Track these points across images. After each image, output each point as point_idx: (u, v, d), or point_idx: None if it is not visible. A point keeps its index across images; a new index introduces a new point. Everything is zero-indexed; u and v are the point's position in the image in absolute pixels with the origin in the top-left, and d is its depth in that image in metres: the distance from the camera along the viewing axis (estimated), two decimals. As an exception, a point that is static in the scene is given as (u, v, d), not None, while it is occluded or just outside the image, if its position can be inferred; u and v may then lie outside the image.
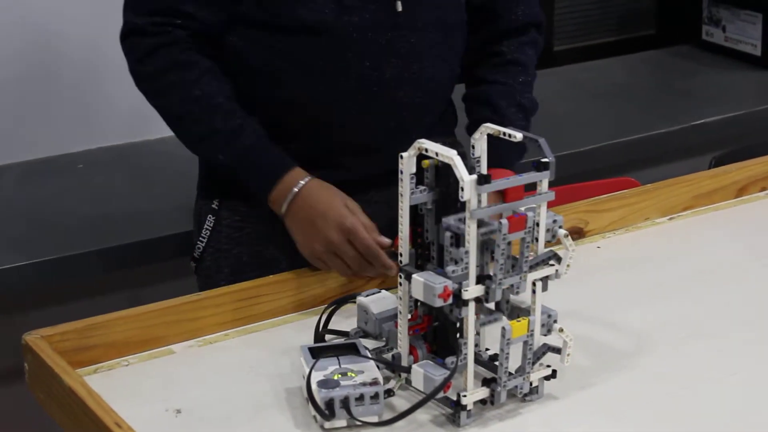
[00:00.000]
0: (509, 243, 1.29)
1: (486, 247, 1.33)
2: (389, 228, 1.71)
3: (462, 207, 1.28)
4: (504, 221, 1.27)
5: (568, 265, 1.34)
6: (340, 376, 1.32)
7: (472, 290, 1.28)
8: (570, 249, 1.33)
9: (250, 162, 1.65)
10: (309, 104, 1.68)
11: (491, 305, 1.36)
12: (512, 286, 1.31)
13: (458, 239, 1.29)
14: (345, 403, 1.29)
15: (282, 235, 1.69)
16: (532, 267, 1.32)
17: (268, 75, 1.68)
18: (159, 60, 1.65)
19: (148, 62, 1.66)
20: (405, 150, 1.32)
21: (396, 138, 1.70)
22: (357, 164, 1.72)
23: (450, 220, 1.29)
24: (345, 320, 1.51)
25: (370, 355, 1.37)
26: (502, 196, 1.31)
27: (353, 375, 1.32)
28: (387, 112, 1.70)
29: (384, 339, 1.41)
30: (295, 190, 1.61)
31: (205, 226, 1.78)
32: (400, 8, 1.66)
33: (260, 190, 1.65)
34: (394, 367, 1.37)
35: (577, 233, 1.83)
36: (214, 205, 1.78)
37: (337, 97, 1.67)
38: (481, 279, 1.29)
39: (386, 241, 1.58)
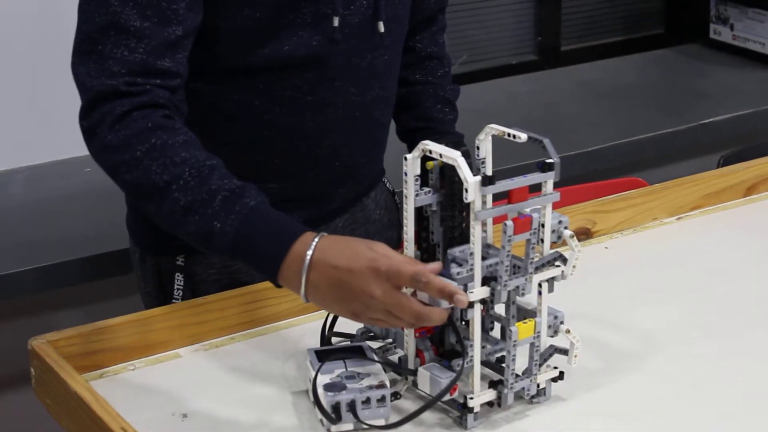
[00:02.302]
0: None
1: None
2: None
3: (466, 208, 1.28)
4: (509, 223, 1.26)
5: (573, 266, 1.33)
6: (346, 379, 1.32)
7: (478, 292, 1.28)
8: (576, 250, 1.33)
9: (255, 225, 1.35)
10: (293, 140, 1.59)
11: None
12: (518, 287, 1.31)
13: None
14: (351, 406, 1.29)
15: (261, 278, 1.63)
16: (538, 268, 1.31)
17: (246, 118, 1.56)
18: (137, 123, 1.39)
19: (121, 127, 1.39)
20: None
21: (370, 158, 1.70)
22: (334, 193, 1.67)
23: (455, 252, 1.29)
24: (351, 321, 1.50)
25: (376, 358, 1.37)
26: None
27: (360, 378, 1.32)
28: (366, 134, 1.66)
29: (390, 340, 1.41)
30: (308, 258, 1.31)
31: (176, 286, 1.65)
32: (382, 29, 1.59)
33: (269, 260, 1.34)
34: (400, 369, 1.37)
35: (584, 234, 1.82)
36: (179, 262, 1.65)
37: (324, 127, 1.59)
38: (486, 281, 1.29)
39: (434, 266, 1.29)
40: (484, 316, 1.33)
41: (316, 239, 1.32)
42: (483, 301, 1.30)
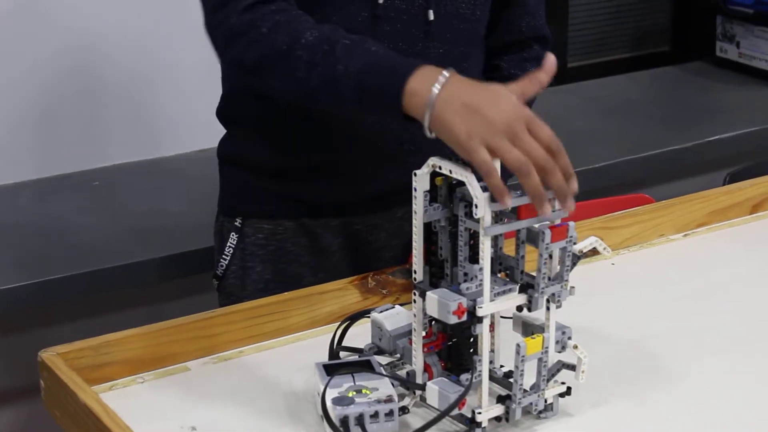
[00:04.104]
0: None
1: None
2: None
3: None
4: (546, 231, 1.27)
5: (609, 253, 1.37)
6: (354, 393, 1.32)
7: (487, 307, 1.28)
8: (604, 250, 1.34)
9: (381, 61, 1.42)
10: (337, 116, 1.63)
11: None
12: (554, 294, 1.32)
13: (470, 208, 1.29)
14: (360, 420, 1.29)
15: (306, 252, 1.70)
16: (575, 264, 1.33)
17: None
18: (261, 9, 1.50)
19: (246, 14, 1.50)
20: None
21: (422, 150, 1.71)
22: (382, 177, 1.71)
23: (464, 190, 1.30)
24: (360, 335, 1.51)
25: (384, 373, 1.37)
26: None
27: (368, 392, 1.32)
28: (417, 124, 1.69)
29: (398, 355, 1.42)
30: (446, 73, 1.36)
31: (228, 244, 1.78)
32: (432, 17, 1.65)
33: (395, 84, 1.38)
34: (408, 384, 1.37)
35: (591, 250, 1.82)
36: (236, 223, 1.77)
37: None
38: (523, 288, 1.30)
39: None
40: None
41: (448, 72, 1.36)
42: (519, 308, 1.31)
